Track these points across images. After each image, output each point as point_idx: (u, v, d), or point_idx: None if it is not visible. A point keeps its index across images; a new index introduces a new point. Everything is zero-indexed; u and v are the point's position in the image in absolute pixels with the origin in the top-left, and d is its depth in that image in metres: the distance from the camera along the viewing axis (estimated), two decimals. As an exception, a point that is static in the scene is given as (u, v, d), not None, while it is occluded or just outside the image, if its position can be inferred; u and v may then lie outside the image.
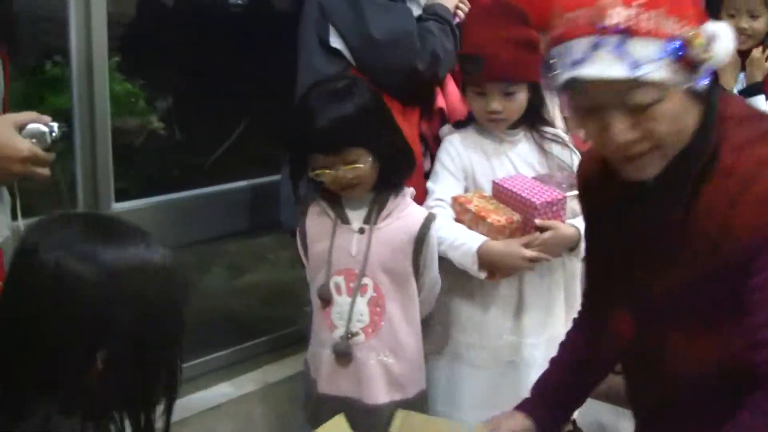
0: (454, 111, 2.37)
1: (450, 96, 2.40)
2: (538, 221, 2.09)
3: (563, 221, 2.13)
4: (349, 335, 2.01)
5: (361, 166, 1.92)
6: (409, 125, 2.25)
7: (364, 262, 1.99)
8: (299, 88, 2.30)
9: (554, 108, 2.64)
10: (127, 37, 2.80)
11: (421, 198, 2.19)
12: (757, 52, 2.87)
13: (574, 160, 2.26)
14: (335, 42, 2.26)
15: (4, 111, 1.70)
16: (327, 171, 1.92)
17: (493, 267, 2.13)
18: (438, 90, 2.38)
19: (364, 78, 2.18)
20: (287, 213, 2.34)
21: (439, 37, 2.28)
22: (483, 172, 2.25)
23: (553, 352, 2.15)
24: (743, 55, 2.89)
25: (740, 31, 2.84)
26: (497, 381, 2.27)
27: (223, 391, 2.62)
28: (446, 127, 2.34)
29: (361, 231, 1.99)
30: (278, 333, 2.89)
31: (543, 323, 2.28)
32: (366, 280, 2.00)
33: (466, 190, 2.25)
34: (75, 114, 2.26)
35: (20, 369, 1.05)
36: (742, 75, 2.93)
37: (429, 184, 2.27)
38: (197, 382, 2.60)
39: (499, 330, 2.26)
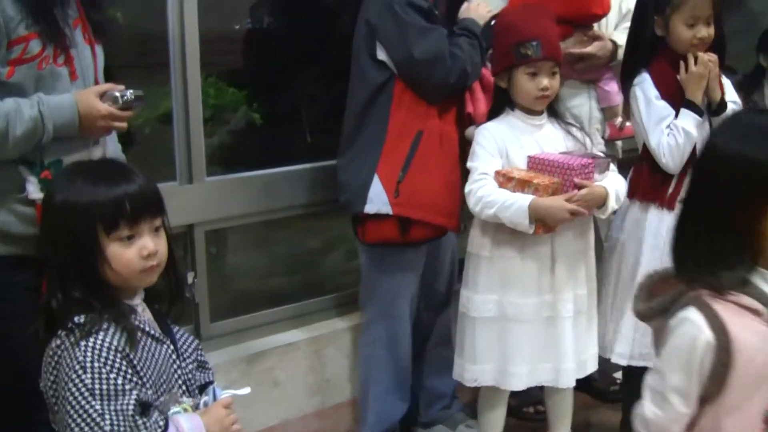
0: (480, 116, 2.65)
1: (477, 102, 2.70)
2: (576, 180, 2.35)
3: (593, 182, 2.41)
4: None
5: None
6: (446, 125, 2.62)
7: None
8: (350, 93, 2.68)
9: (591, 100, 2.93)
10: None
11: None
12: (709, 70, 2.49)
13: (587, 141, 2.58)
14: (381, 55, 2.58)
15: None
16: None
17: (541, 220, 2.37)
18: (468, 97, 2.68)
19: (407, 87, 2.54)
20: (346, 196, 2.66)
21: (468, 53, 2.56)
22: (515, 151, 2.48)
23: (580, 308, 2.50)
24: None
25: (702, 41, 2.51)
26: (538, 335, 2.50)
27: (298, 334, 3.01)
28: (471, 128, 2.64)
29: None
30: (346, 290, 3.22)
31: (571, 280, 2.51)
32: None
33: (502, 167, 2.47)
34: (174, 116, 2.71)
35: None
36: None
37: (470, 164, 2.48)
38: (274, 326, 3.02)
39: (537, 287, 2.48)
